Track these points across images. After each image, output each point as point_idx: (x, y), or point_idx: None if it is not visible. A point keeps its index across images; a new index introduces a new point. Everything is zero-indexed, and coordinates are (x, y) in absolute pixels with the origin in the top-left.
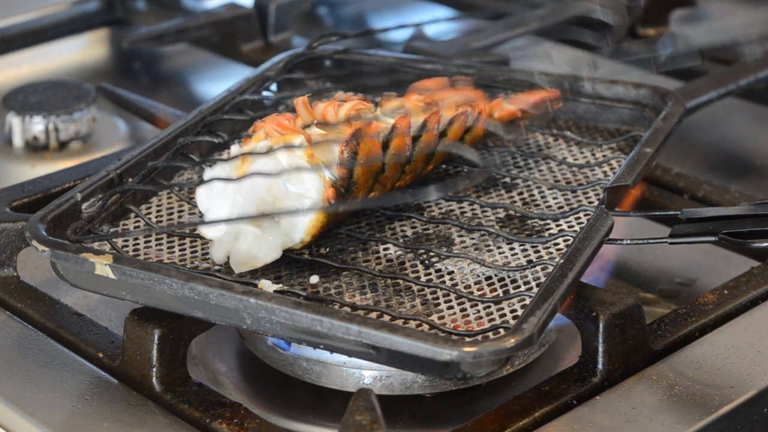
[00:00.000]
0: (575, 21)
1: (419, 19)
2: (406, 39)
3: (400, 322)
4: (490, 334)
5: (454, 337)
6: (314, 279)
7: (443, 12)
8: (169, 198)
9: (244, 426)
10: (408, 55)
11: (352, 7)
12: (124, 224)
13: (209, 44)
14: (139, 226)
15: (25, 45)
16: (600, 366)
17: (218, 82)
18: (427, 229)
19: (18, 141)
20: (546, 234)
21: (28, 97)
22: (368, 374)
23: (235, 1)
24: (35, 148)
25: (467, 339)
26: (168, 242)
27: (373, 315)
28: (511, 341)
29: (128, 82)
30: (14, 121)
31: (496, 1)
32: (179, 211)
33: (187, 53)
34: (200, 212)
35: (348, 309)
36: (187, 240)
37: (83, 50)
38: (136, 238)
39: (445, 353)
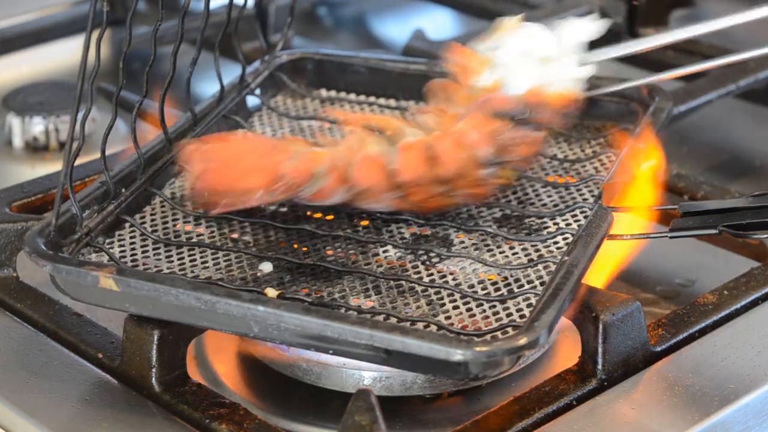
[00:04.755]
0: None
1: (419, 19)
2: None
3: (407, 324)
4: (499, 333)
5: (465, 338)
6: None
7: (443, 12)
8: (163, 206)
9: (243, 426)
10: (390, 56)
11: (352, 8)
12: (119, 234)
13: (209, 44)
14: (135, 236)
15: (25, 45)
16: (600, 366)
17: (218, 82)
18: (426, 230)
19: (18, 141)
20: (544, 232)
21: (28, 98)
22: (368, 375)
23: (235, 2)
24: (35, 149)
25: (477, 339)
26: (166, 252)
27: (380, 318)
28: (524, 340)
29: (128, 82)
30: (14, 121)
31: (496, 2)
32: (173, 220)
33: (187, 53)
34: (194, 219)
35: (354, 312)
36: (185, 249)
37: (83, 50)
38: (133, 249)
39: (458, 354)
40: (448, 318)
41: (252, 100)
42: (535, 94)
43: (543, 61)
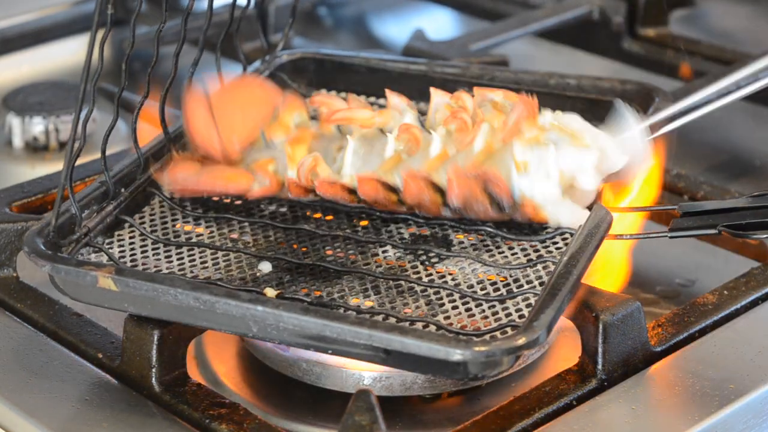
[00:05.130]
0: (575, 22)
1: (419, 19)
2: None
3: (406, 323)
4: (498, 333)
5: (464, 338)
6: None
7: (443, 12)
8: (162, 206)
9: (243, 426)
10: (390, 56)
11: (352, 8)
12: (119, 234)
13: (209, 44)
14: (134, 236)
15: (25, 45)
16: (600, 366)
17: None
18: (425, 230)
19: (18, 141)
20: (544, 232)
21: (28, 98)
22: (368, 375)
23: (236, 2)
24: (35, 149)
25: (476, 339)
26: (165, 252)
27: (378, 318)
28: (523, 339)
29: (128, 82)
30: (14, 121)
31: (496, 2)
32: (173, 220)
33: (187, 53)
34: (193, 219)
35: (353, 312)
36: (185, 249)
37: (83, 50)
38: (133, 249)
39: (457, 354)
40: (447, 318)
41: None
42: (530, 208)
43: (565, 186)
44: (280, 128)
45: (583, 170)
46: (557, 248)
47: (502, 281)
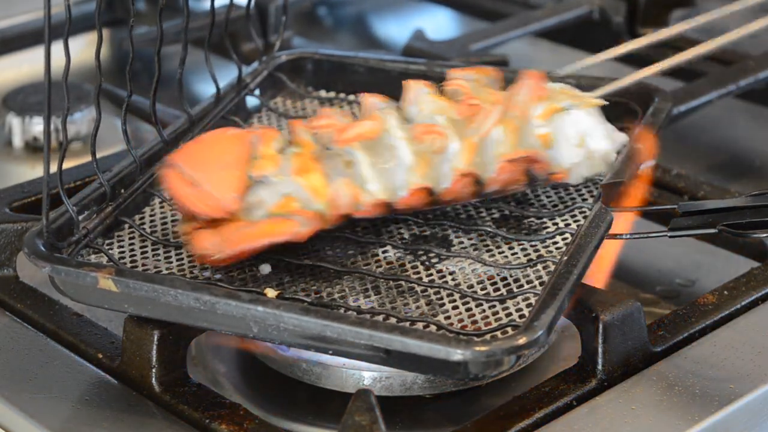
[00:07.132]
0: (575, 22)
1: (419, 19)
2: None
3: (406, 324)
4: (498, 333)
5: (464, 338)
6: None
7: (443, 12)
8: (162, 207)
9: (243, 426)
10: (390, 56)
11: (352, 8)
12: (118, 236)
13: (211, 45)
14: (134, 237)
15: (25, 45)
16: (600, 367)
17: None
18: (424, 231)
19: (18, 141)
20: (544, 232)
21: (28, 98)
22: (368, 375)
23: (234, 2)
24: (35, 149)
25: (476, 339)
26: (165, 252)
27: (379, 318)
28: (524, 339)
29: (134, 85)
30: (14, 121)
31: (496, 2)
32: (173, 221)
33: (188, 53)
34: None
35: (354, 313)
36: (185, 250)
37: (83, 50)
38: (133, 250)
39: (457, 353)
40: (447, 318)
41: (251, 101)
42: (560, 175)
43: (589, 154)
44: (268, 162)
45: (595, 131)
46: (557, 248)
47: (502, 281)
